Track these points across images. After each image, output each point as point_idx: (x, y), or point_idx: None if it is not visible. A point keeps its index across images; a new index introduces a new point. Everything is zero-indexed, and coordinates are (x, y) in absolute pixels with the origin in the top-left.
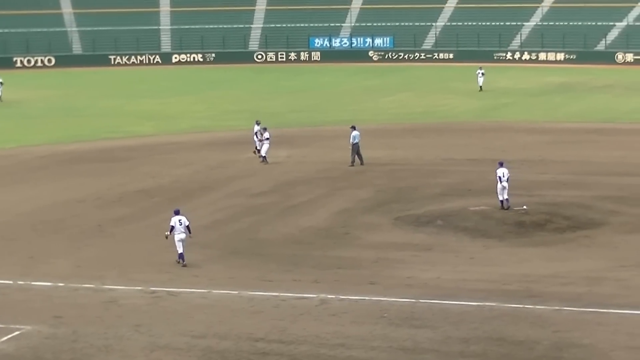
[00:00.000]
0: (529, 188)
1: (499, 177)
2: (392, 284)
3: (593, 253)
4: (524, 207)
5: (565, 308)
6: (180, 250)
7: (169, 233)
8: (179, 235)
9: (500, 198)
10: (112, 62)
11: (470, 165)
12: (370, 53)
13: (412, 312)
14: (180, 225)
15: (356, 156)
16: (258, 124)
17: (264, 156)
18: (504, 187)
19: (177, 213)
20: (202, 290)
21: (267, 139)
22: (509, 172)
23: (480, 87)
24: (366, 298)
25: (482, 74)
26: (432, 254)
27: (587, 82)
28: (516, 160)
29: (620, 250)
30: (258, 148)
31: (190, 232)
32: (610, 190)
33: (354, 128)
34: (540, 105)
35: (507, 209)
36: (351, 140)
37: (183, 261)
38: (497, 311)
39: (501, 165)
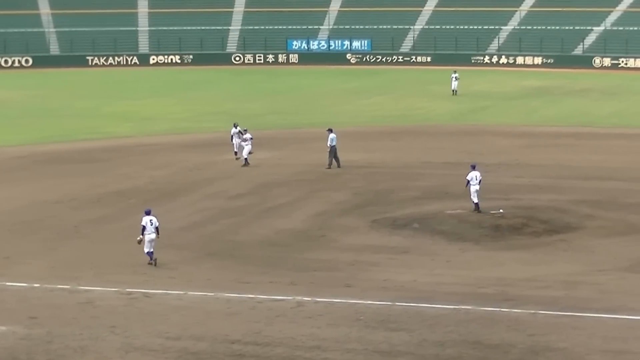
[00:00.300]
0: (506, 192)
1: (469, 180)
2: (368, 287)
3: (569, 257)
4: (501, 210)
5: (541, 312)
6: (150, 250)
7: (142, 236)
8: (150, 236)
9: (475, 200)
10: (90, 63)
11: (447, 169)
12: (348, 56)
13: (388, 315)
14: (152, 225)
15: (333, 159)
16: (236, 126)
17: (246, 158)
18: (475, 191)
19: (148, 213)
20: (178, 292)
21: (251, 138)
22: (481, 176)
23: (455, 91)
24: (342, 300)
25: (457, 78)
26: (408, 256)
27: (564, 86)
28: (493, 163)
29: (596, 254)
30: (237, 150)
31: (158, 234)
32: (587, 194)
33: (330, 131)
34: (517, 109)
35: (474, 212)
36: (328, 143)
37: (152, 260)
38: (472, 314)
39: (473, 168)
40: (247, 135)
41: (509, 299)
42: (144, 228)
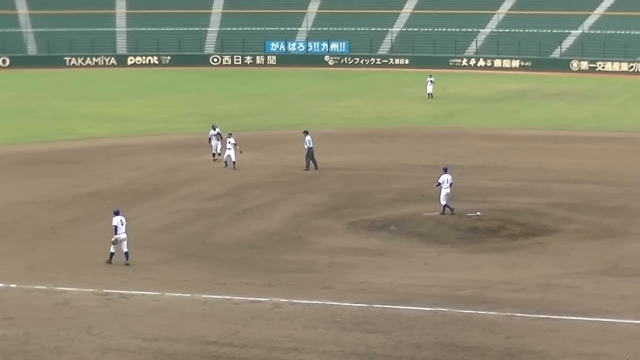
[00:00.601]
0: (483, 194)
1: (440, 183)
2: (345, 289)
3: (546, 260)
4: (478, 213)
5: (517, 314)
6: (125, 249)
7: (116, 237)
8: (122, 236)
9: (443, 203)
10: (67, 64)
11: (424, 171)
12: (326, 58)
13: (364, 317)
14: (122, 225)
15: (310, 161)
16: (214, 128)
17: (234, 162)
18: (446, 194)
19: (117, 213)
20: (155, 293)
21: (234, 144)
22: (452, 179)
23: (430, 94)
24: (319, 302)
25: (432, 81)
26: (385, 259)
27: (541, 90)
28: (470, 166)
29: (572, 257)
30: (216, 152)
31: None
32: (563, 198)
33: (306, 133)
34: (494, 112)
35: (449, 214)
36: (305, 145)
37: (127, 258)
38: (449, 317)
39: (445, 171)
40: (232, 140)
41: (486, 301)
42: (116, 228)
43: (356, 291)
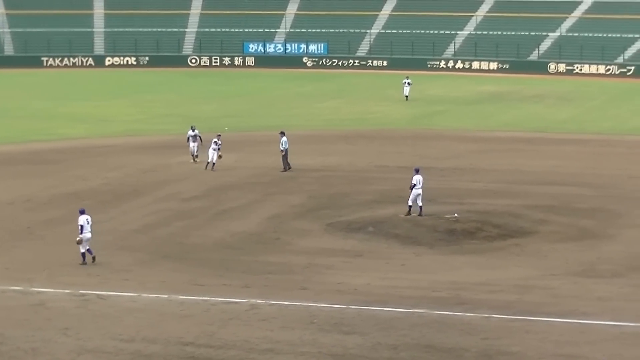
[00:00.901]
0: (460, 196)
1: (414, 184)
2: (323, 290)
3: (523, 261)
4: (455, 215)
5: (494, 316)
6: (86, 248)
7: (81, 235)
8: (87, 235)
9: (410, 204)
10: (45, 64)
11: (402, 173)
12: (305, 59)
13: (341, 318)
14: (88, 224)
15: (285, 161)
16: (193, 129)
17: (214, 163)
18: (418, 194)
19: (82, 212)
20: (132, 294)
21: (219, 147)
22: (423, 180)
23: (407, 96)
24: (296, 303)
25: (409, 83)
26: (362, 260)
27: (519, 92)
28: (448, 168)
29: (549, 259)
30: (194, 154)
31: (90, 232)
32: (541, 200)
33: (282, 134)
34: (472, 114)
35: (419, 214)
36: (283, 146)
37: (92, 257)
38: (426, 318)
39: (417, 172)
40: (218, 141)
41: (463, 302)
42: (82, 227)
43: (333, 292)
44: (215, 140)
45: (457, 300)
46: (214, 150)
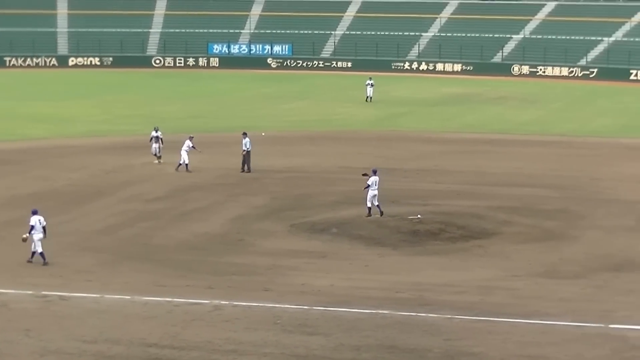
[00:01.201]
0: (424, 197)
1: (369, 185)
2: (286, 291)
3: (486, 262)
4: (419, 216)
5: (457, 316)
6: (39, 250)
7: (28, 234)
8: (38, 235)
9: (369, 205)
10: (7, 64)
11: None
12: (269, 60)
13: (305, 319)
14: (40, 224)
15: (244, 163)
16: (156, 130)
17: (187, 164)
18: (374, 195)
19: (35, 213)
20: (95, 295)
21: (191, 147)
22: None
23: (369, 97)
24: (260, 304)
25: (372, 84)
26: (326, 261)
27: (483, 94)
28: (412, 169)
29: (512, 260)
30: (157, 154)
31: (45, 233)
32: (504, 201)
33: (245, 135)
34: (436, 116)
35: (381, 215)
36: (245, 147)
37: (44, 260)
38: (389, 319)
39: (374, 173)
40: (189, 143)
41: (426, 303)
42: (32, 227)
43: (297, 293)
44: (188, 141)
45: (420, 301)
46: (186, 151)
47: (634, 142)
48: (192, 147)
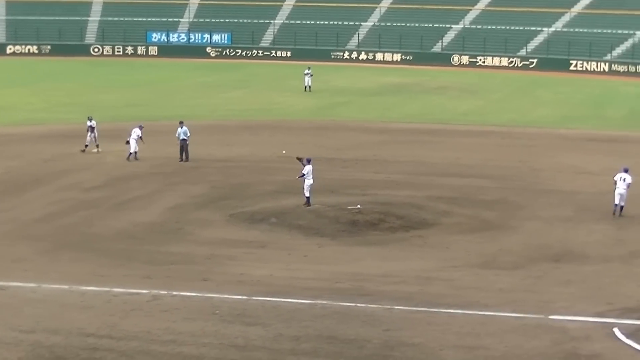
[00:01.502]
0: (363, 187)
1: (305, 174)
2: (225, 281)
3: (425, 253)
4: (358, 206)
5: (396, 307)
6: None
7: None
8: None
9: (307, 195)
10: None
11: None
12: (208, 49)
13: (244, 309)
14: None
15: (182, 152)
16: (90, 119)
17: (135, 152)
18: (310, 185)
19: None
20: (32, 285)
21: (139, 137)
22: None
23: (308, 87)
24: (198, 294)
25: (310, 74)
26: (265, 251)
27: (422, 83)
28: (351, 159)
29: (451, 250)
30: (89, 143)
31: None
32: (443, 191)
33: (181, 124)
34: (375, 105)
35: (307, 206)
36: (182, 136)
37: None
38: (328, 309)
39: (309, 162)
40: (138, 131)
41: (365, 294)
42: None
43: (236, 283)
44: (138, 130)
45: (360, 291)
46: (135, 140)
47: (573, 133)
48: (140, 137)
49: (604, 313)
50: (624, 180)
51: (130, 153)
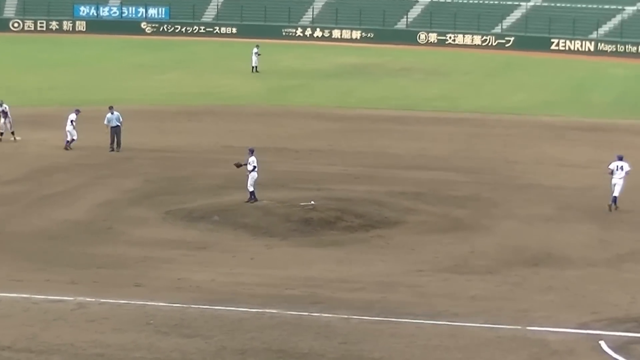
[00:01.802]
0: (317, 181)
1: (254, 166)
2: (160, 287)
3: (387, 255)
4: (312, 202)
5: (354, 317)
6: None
7: None
8: None
9: (251, 189)
10: None
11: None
12: (143, 25)
13: (181, 319)
14: None
15: (113, 140)
16: (1, 104)
17: (73, 140)
18: (253, 178)
19: None
20: None
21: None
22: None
23: (255, 67)
24: (130, 302)
25: (258, 53)
26: (206, 253)
27: (385, 64)
28: (304, 149)
29: (416, 252)
30: (11, 130)
31: None
32: (407, 186)
33: (111, 109)
34: (331, 89)
35: (252, 201)
36: (112, 123)
37: None
38: (278, 319)
39: (252, 153)
40: (73, 117)
41: (320, 302)
42: None
43: (173, 289)
44: (74, 115)
45: (313, 299)
46: (70, 129)
47: (555, 121)
48: (72, 122)
49: (589, 324)
50: (621, 168)
51: (68, 141)
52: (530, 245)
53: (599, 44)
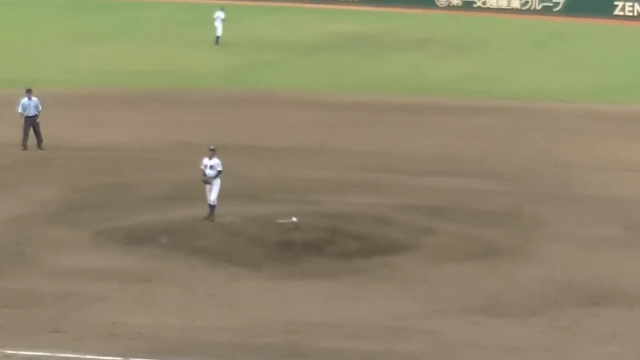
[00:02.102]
0: (302, 190)
1: (220, 170)
2: (87, 334)
3: (394, 291)
4: (293, 219)
5: None
6: None
7: None
8: None
9: (212, 202)
10: None
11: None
12: None
13: None
14: None
15: (34, 135)
16: None
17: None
18: (210, 185)
19: None
20: None
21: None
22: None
23: (218, 37)
24: (46, 354)
25: (222, 19)
26: (150, 287)
27: (392, 34)
28: (282, 148)
29: (433, 286)
30: None
31: None
32: (422, 197)
33: (29, 93)
34: (319, 67)
35: (213, 218)
36: (31, 112)
37: None
38: None
39: (214, 152)
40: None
41: (303, 353)
42: None
43: (104, 337)
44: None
45: (294, 349)
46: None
47: (618, 110)
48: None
49: None
50: None
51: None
52: (588, 277)
53: None
